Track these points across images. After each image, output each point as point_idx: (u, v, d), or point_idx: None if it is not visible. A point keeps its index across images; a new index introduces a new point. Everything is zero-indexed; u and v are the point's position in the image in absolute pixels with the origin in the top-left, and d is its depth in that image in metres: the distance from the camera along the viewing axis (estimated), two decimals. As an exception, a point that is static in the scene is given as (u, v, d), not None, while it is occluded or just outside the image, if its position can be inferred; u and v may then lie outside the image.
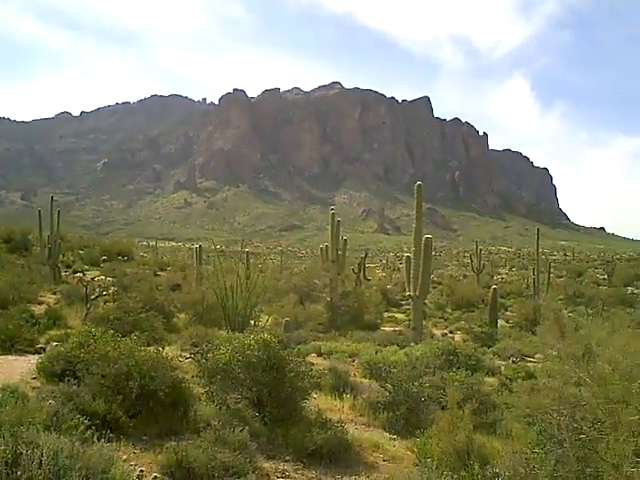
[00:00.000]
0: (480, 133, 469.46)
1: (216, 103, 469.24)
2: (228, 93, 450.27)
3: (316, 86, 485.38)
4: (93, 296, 25.84)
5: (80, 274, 42.58)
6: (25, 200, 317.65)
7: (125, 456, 8.91)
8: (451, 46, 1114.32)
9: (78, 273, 44.46)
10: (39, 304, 27.78)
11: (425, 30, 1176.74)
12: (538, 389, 9.73)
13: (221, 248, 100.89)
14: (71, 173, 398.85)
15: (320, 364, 17.46)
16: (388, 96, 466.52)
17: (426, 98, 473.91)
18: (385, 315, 40.12)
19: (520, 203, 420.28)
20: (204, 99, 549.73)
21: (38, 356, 14.74)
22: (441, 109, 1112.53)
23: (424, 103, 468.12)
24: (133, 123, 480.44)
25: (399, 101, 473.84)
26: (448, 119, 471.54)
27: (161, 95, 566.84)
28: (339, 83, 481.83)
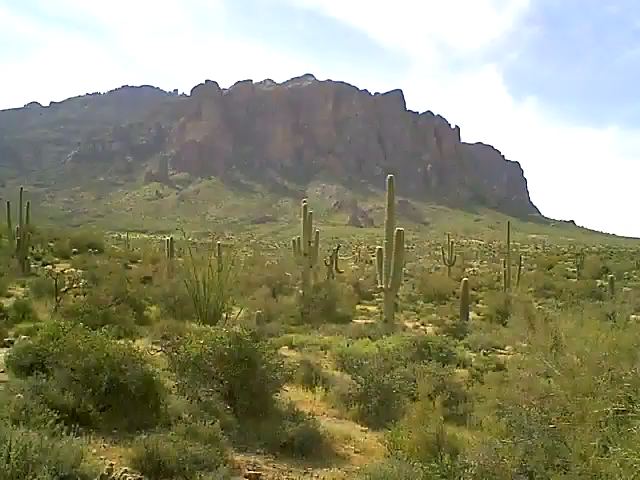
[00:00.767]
0: (452, 126, 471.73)
1: (188, 94, 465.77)
2: (200, 84, 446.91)
3: (289, 78, 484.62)
4: (63, 289, 25.55)
5: (50, 266, 42.11)
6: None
7: (95, 450, 8.84)
8: (423, 39, 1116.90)
9: (48, 265, 43.98)
10: (7, 297, 27.52)
11: (397, 23, 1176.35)
12: (508, 380, 9.83)
13: (193, 240, 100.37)
14: (41, 164, 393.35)
15: (292, 357, 17.48)
16: (361, 88, 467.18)
17: (399, 91, 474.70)
18: (357, 308, 40.16)
19: (491, 196, 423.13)
20: (176, 90, 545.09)
21: (6, 349, 14.56)
22: (414, 102, 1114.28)
23: (396, 96, 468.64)
24: (104, 114, 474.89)
25: (372, 94, 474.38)
26: (420, 112, 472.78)
27: (132, 86, 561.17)
28: (312, 75, 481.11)
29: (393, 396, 13.09)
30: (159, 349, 14.80)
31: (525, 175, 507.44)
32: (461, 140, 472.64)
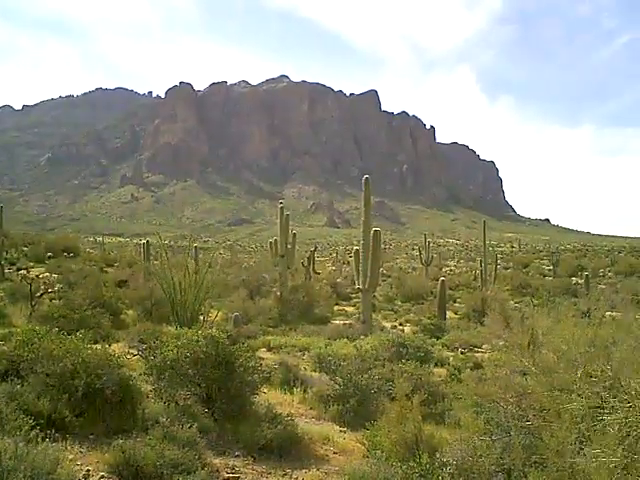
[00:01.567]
0: (427, 127, 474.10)
1: (162, 96, 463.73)
2: (174, 86, 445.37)
3: (264, 79, 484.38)
4: (38, 294, 25.29)
5: (24, 271, 41.63)
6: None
7: (71, 456, 8.74)
8: (396, 40, 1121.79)
9: (22, 270, 43.48)
10: (-19, 303, 27.09)
11: (370, 24, 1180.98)
12: (485, 378, 9.89)
13: (169, 243, 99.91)
14: (14, 168, 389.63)
15: (270, 358, 17.47)
16: (336, 89, 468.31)
17: (374, 92, 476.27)
18: (335, 308, 40.21)
19: (467, 196, 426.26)
20: (150, 92, 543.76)
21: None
22: (389, 103, 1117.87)
23: (372, 97, 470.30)
24: (78, 117, 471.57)
25: (347, 94, 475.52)
26: (396, 113, 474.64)
27: (106, 88, 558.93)
28: (287, 76, 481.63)
29: (371, 396, 13.11)
30: (136, 353, 14.70)
31: (500, 174, 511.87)
32: (436, 140, 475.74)
